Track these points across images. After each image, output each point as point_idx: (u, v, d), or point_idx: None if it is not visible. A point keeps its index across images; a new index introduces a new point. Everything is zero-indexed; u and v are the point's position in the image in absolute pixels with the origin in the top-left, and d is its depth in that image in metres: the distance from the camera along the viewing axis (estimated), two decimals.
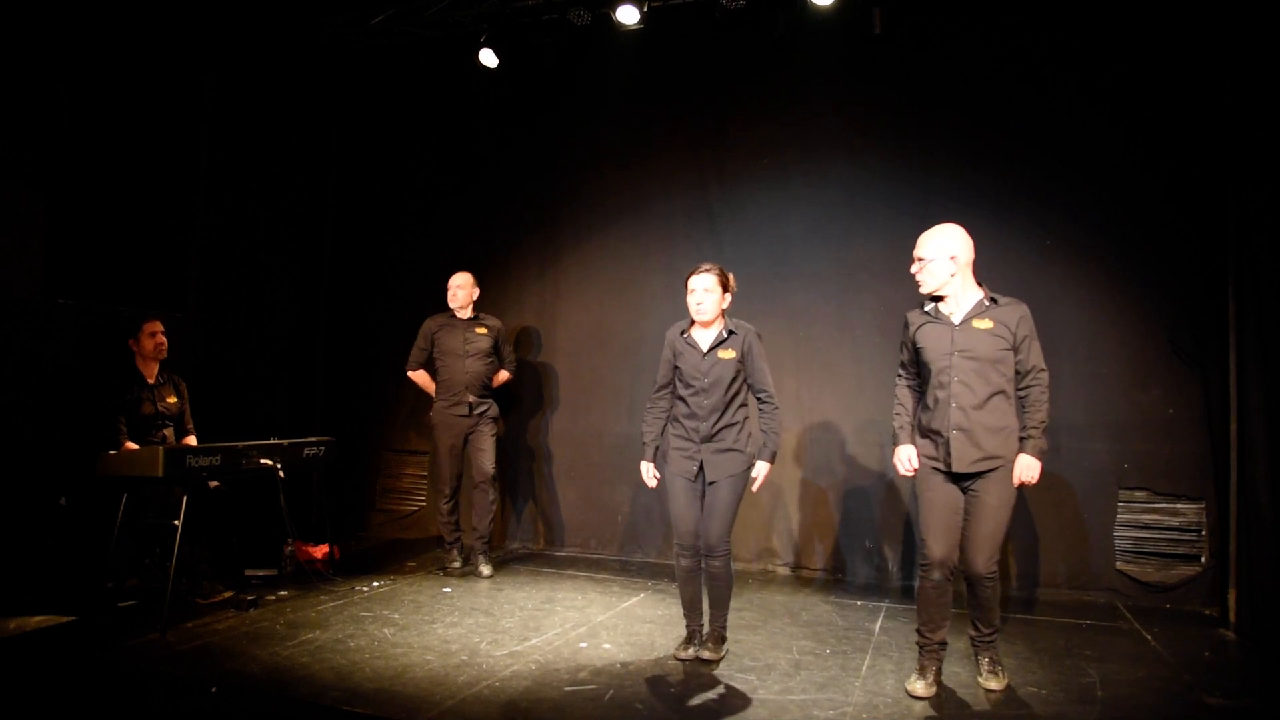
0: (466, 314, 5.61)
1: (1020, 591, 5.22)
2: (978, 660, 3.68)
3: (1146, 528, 5.08)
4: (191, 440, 5.02)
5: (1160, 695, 3.60)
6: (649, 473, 4.01)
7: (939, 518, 3.52)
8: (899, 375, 3.79)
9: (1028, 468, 3.48)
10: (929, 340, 3.57)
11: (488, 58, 6.13)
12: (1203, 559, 4.97)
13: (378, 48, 6.66)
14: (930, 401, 3.58)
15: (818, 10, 5.40)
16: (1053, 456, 5.24)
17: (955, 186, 5.39)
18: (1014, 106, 5.37)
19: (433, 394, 5.64)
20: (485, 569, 5.46)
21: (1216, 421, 4.87)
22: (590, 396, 6.39)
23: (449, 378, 5.52)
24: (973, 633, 3.67)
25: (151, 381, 4.86)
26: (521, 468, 6.52)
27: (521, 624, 4.44)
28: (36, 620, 4.26)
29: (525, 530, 6.49)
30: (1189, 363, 5.03)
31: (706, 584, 3.92)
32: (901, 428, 3.71)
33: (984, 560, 3.47)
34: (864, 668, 3.87)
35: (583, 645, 4.13)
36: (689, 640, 3.97)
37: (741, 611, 4.71)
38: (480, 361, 5.55)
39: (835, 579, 5.61)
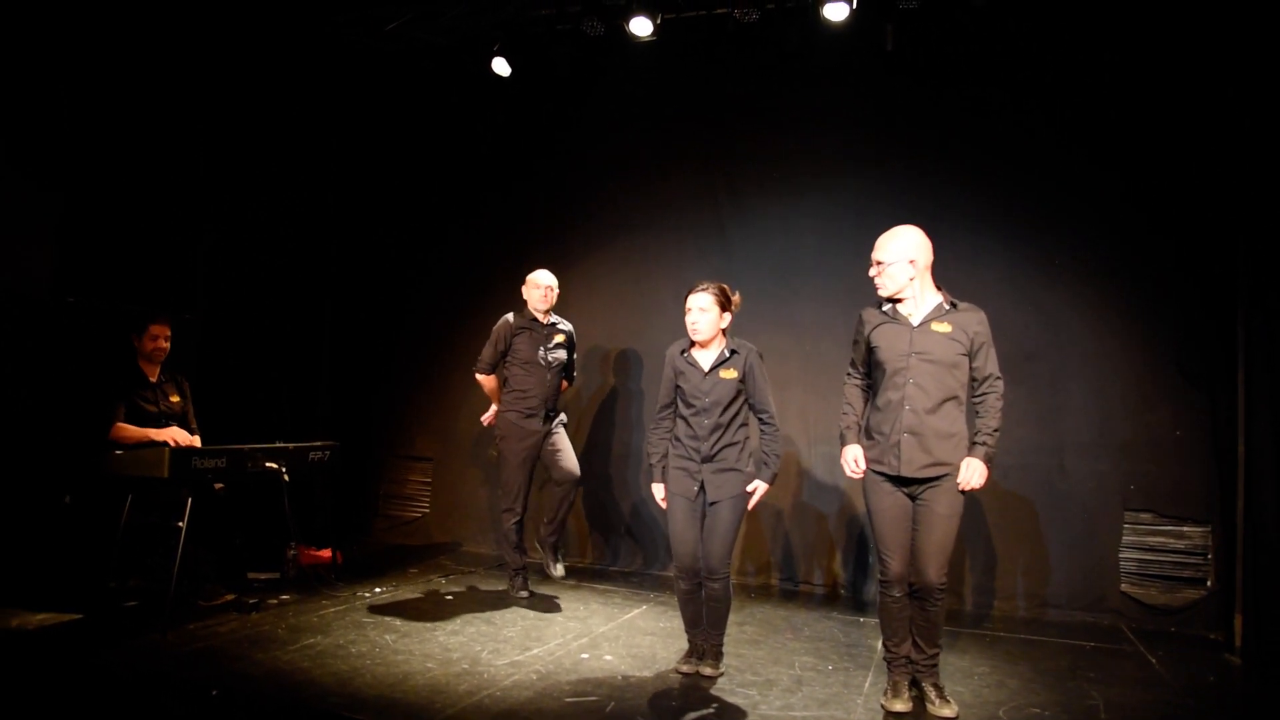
0: (547, 318, 5.24)
1: (1024, 612, 5.20)
2: (922, 688, 3.54)
3: (1152, 550, 5.06)
4: (196, 440, 5.02)
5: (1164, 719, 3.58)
6: (660, 494, 3.95)
7: (891, 532, 3.48)
8: (848, 375, 3.74)
9: (977, 472, 3.40)
10: (885, 340, 3.52)
11: (501, 67, 6.14)
12: (1208, 583, 4.94)
13: (387, 52, 6.67)
14: (882, 403, 3.51)
15: (830, 26, 5.41)
16: (1058, 476, 5.23)
17: (966, 204, 5.40)
18: (1026, 124, 5.37)
19: (496, 402, 5.26)
20: (558, 569, 5.17)
21: (1224, 444, 4.85)
22: (596, 408, 6.38)
23: (526, 387, 5.07)
24: (916, 656, 3.53)
25: (153, 380, 4.87)
26: None
27: (523, 633, 4.43)
28: (39, 618, 4.27)
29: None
30: (1197, 385, 5.01)
31: (705, 604, 3.88)
32: (849, 428, 3.66)
33: (935, 570, 3.40)
34: (866, 685, 3.85)
35: (584, 656, 4.12)
36: (691, 653, 3.95)
37: (743, 626, 4.70)
38: (558, 374, 5.18)
39: (838, 595, 5.59)
